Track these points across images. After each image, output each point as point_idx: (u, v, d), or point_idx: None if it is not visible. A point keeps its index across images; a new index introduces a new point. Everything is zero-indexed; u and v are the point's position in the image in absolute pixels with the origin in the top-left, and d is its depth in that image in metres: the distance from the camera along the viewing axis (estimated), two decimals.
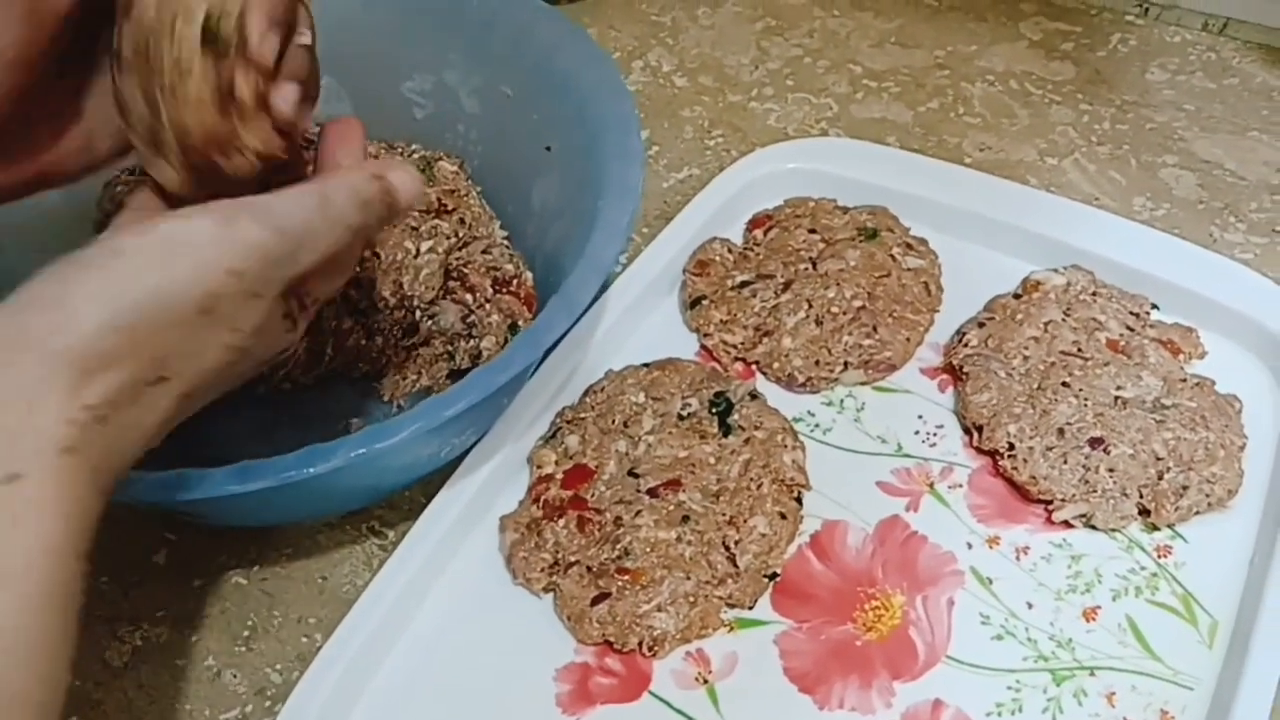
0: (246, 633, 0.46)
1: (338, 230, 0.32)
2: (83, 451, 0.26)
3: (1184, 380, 0.49)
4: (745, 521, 0.46)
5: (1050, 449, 0.47)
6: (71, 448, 0.26)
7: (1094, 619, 0.44)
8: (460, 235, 0.54)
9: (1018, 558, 0.46)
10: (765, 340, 0.53)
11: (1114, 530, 0.46)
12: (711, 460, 0.48)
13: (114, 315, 0.27)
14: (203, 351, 0.29)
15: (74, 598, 0.26)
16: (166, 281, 0.28)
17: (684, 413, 0.49)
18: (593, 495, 0.47)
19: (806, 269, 0.55)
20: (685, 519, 0.45)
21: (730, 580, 0.45)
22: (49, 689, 0.25)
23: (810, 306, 0.53)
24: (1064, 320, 0.51)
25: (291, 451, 0.38)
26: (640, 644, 0.43)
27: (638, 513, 0.46)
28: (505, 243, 0.55)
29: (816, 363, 0.52)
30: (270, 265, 0.30)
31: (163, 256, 0.28)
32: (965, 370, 0.51)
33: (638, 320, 0.55)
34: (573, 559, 0.45)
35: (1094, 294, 0.53)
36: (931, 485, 0.48)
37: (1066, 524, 0.47)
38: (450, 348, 0.51)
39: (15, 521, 0.25)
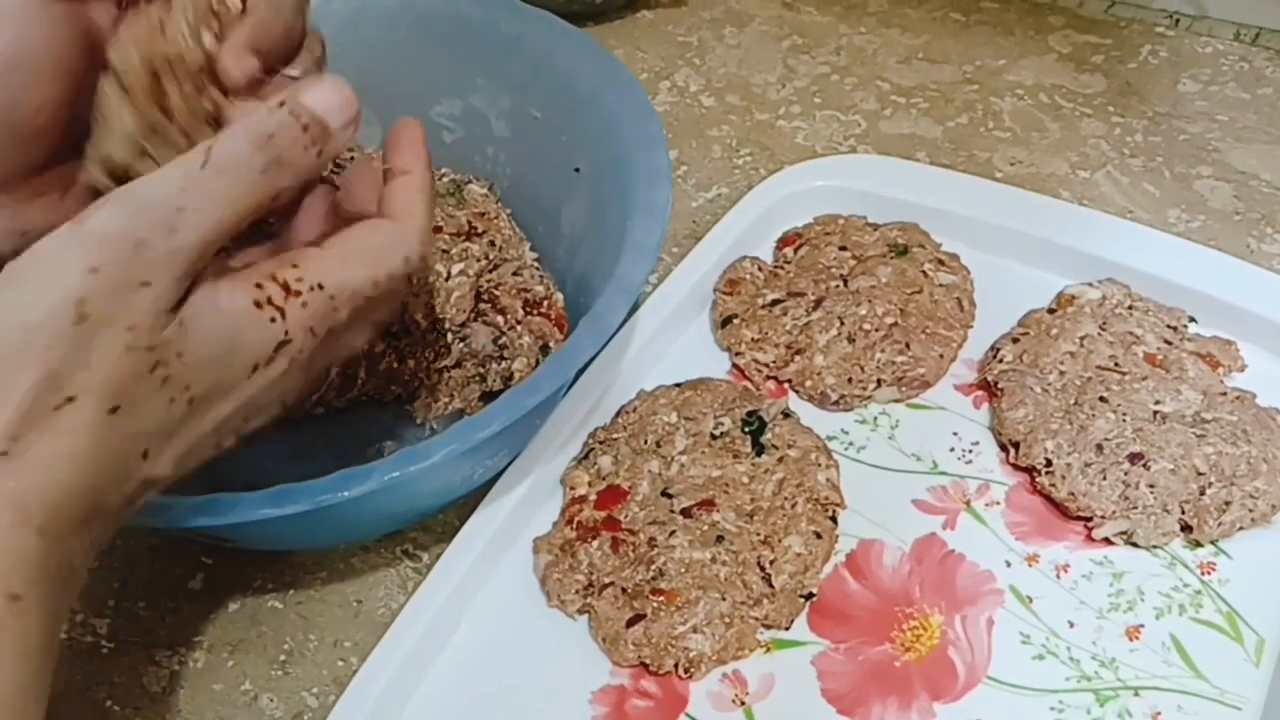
0: (283, 657, 0.47)
1: (233, 180, 0.29)
2: None
3: (1224, 394, 0.49)
4: (780, 541, 0.45)
5: (1089, 465, 0.46)
6: None
7: (1137, 638, 0.43)
8: (491, 257, 0.54)
9: (1058, 576, 0.45)
10: (797, 358, 0.52)
11: (1156, 547, 0.46)
12: (745, 480, 0.47)
13: None
14: (97, 360, 0.27)
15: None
16: (24, 302, 0.26)
17: (717, 432, 0.49)
18: (626, 516, 0.47)
19: (838, 286, 0.54)
20: (720, 539, 0.45)
21: (766, 601, 0.44)
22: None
23: (842, 324, 0.52)
24: (1100, 334, 0.51)
25: (325, 475, 0.38)
26: (676, 666, 0.43)
27: (672, 533, 0.45)
28: (536, 264, 0.55)
29: (849, 380, 0.51)
30: (139, 246, 0.27)
31: (14, 280, 0.27)
32: (1000, 386, 0.50)
33: (669, 340, 0.55)
34: (607, 580, 0.45)
35: (1130, 308, 0.52)
36: (968, 503, 0.48)
37: (1107, 541, 0.46)
38: (482, 370, 0.51)
39: None
